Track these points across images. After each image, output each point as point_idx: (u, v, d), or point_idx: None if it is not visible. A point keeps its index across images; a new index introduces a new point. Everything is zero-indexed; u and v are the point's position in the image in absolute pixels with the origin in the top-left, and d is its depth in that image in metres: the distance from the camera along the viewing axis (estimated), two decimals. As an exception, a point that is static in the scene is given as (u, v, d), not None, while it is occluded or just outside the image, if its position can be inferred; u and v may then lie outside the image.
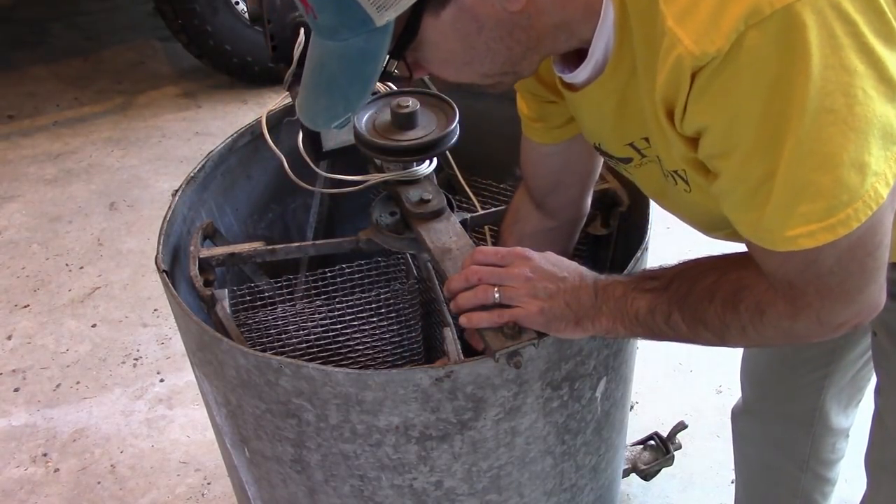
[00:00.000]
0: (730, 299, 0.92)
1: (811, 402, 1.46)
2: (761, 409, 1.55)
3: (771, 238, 0.82)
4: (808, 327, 0.90)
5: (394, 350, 1.47)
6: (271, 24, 1.21)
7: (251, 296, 1.43)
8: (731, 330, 0.94)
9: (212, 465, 2.13)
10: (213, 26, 3.47)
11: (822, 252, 0.81)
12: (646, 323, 1.00)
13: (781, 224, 0.80)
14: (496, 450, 1.15)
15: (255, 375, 1.09)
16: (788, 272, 0.86)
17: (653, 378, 2.33)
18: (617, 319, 1.02)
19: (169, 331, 2.53)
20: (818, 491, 1.60)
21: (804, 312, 0.88)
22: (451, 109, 1.25)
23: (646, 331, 1.01)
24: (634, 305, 1.00)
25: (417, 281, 1.43)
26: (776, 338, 0.93)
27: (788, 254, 0.82)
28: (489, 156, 1.62)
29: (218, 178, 1.49)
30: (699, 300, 0.95)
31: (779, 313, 0.89)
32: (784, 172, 0.77)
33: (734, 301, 0.92)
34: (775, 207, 0.79)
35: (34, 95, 3.77)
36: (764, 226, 0.81)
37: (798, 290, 0.86)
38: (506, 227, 1.36)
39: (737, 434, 1.66)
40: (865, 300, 0.87)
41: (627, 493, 2.05)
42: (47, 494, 2.10)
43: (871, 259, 0.84)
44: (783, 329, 0.91)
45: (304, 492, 1.24)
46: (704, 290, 0.95)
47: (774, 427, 1.54)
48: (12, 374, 2.43)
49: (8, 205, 3.13)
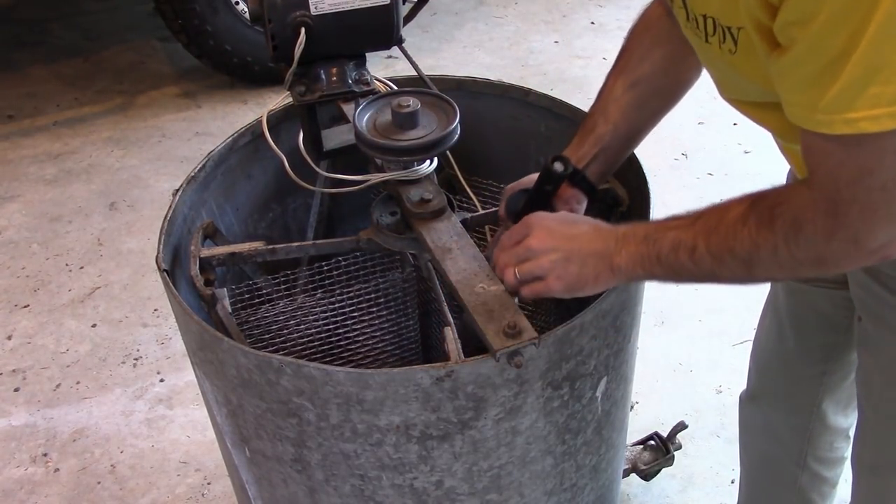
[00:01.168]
0: (766, 216, 0.91)
1: (809, 397, 1.47)
2: (764, 398, 1.57)
3: (829, 120, 0.79)
4: (843, 249, 0.87)
5: (392, 339, 1.48)
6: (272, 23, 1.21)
7: (250, 293, 1.43)
8: (761, 253, 0.92)
9: (212, 465, 2.13)
10: (213, 26, 3.46)
11: (881, 158, 0.78)
12: (667, 262, 0.99)
13: (846, 105, 0.77)
14: (497, 449, 1.15)
15: (256, 375, 1.09)
16: (839, 181, 0.83)
17: (653, 378, 2.33)
18: (636, 262, 1.01)
19: (169, 331, 2.53)
20: (816, 490, 1.60)
21: (842, 232, 0.85)
22: (452, 109, 1.25)
23: (666, 271, 1.00)
24: (657, 245, 0.99)
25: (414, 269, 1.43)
26: (807, 262, 0.91)
27: (844, 152, 0.79)
28: (489, 156, 1.63)
29: (218, 177, 1.49)
30: (730, 226, 0.94)
31: (815, 230, 0.87)
32: (865, 48, 0.73)
33: (770, 217, 0.90)
34: (844, 86, 0.76)
35: (34, 95, 3.77)
36: (824, 106, 0.78)
37: (842, 207, 0.84)
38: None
39: (741, 422, 1.67)
40: None
41: (627, 493, 2.05)
42: (47, 494, 2.10)
43: None
44: (817, 250, 0.89)
45: (305, 491, 1.24)
46: (737, 216, 0.94)
47: (774, 417, 1.55)
48: (12, 374, 2.43)
49: (8, 205, 3.13)
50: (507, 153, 1.63)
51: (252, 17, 1.23)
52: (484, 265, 1.15)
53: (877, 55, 0.74)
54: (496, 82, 1.59)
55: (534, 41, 4.08)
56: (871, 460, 1.30)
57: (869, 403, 1.27)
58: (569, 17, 4.27)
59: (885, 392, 1.21)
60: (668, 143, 3.18)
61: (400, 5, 1.27)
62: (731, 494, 2.00)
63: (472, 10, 4.36)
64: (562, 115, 1.53)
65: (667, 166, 3.14)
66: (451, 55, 3.97)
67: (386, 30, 1.27)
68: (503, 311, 1.07)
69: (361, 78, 1.30)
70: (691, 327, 2.50)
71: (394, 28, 1.27)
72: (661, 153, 3.15)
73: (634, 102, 1.24)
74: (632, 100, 1.24)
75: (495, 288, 1.11)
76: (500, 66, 3.87)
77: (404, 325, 1.48)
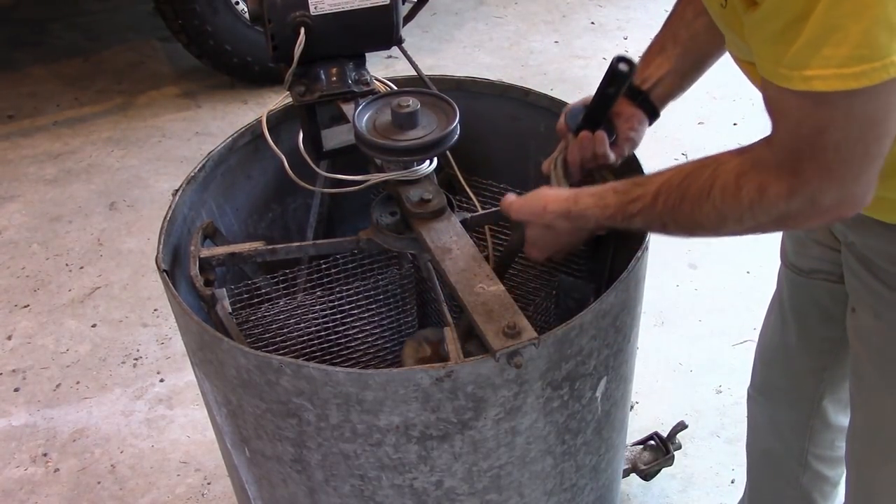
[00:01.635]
0: (730, 187, 0.96)
1: (810, 392, 1.48)
2: (767, 393, 1.58)
3: (788, 76, 0.84)
4: (801, 208, 0.92)
5: (391, 338, 1.48)
6: (272, 23, 1.21)
7: (250, 293, 1.43)
8: (727, 222, 0.98)
9: (212, 465, 2.13)
10: (213, 26, 3.46)
11: (832, 117, 0.83)
12: (635, 227, 1.09)
13: (804, 62, 0.81)
14: (496, 449, 1.15)
15: (256, 375, 1.09)
16: (798, 137, 0.88)
17: (653, 378, 2.33)
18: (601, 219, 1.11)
19: (169, 331, 2.53)
20: (817, 489, 1.60)
21: (801, 191, 0.91)
22: (452, 109, 1.25)
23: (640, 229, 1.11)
24: (624, 224, 1.08)
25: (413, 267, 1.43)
26: (769, 224, 0.97)
27: (802, 108, 0.85)
28: (489, 156, 1.62)
29: (218, 177, 1.49)
30: (694, 203, 0.99)
31: (778, 193, 0.92)
32: (820, 11, 0.79)
33: (735, 187, 0.95)
34: (802, 45, 0.81)
35: (34, 95, 3.77)
36: (787, 62, 0.83)
37: (802, 164, 0.89)
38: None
39: (748, 416, 1.67)
40: (857, 188, 0.90)
41: (627, 493, 2.05)
42: (47, 494, 2.10)
43: (875, 145, 0.86)
44: (779, 210, 0.94)
45: (305, 491, 1.24)
46: (699, 191, 0.99)
47: (776, 413, 1.56)
48: (12, 374, 2.43)
49: (8, 205, 3.13)
50: (507, 153, 1.63)
51: (252, 17, 1.23)
52: (484, 265, 1.15)
53: (831, 18, 0.79)
54: (496, 82, 1.59)
55: (534, 41, 4.08)
56: (861, 453, 1.31)
57: (860, 395, 1.27)
58: (569, 18, 4.27)
59: (876, 383, 1.22)
60: (668, 143, 3.18)
61: (400, 5, 1.27)
62: (731, 494, 2.00)
63: (472, 10, 4.36)
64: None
65: (667, 166, 3.13)
66: (451, 55, 3.97)
67: (386, 30, 1.27)
68: (503, 311, 1.07)
69: (361, 78, 1.30)
70: (691, 327, 2.50)
71: (394, 28, 1.27)
72: (661, 153, 3.15)
73: (704, 28, 1.25)
74: (702, 25, 1.25)
75: (495, 288, 1.11)
76: (500, 66, 3.87)
77: (403, 322, 1.48)
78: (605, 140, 1.27)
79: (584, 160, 1.29)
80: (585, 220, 1.13)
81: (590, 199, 1.11)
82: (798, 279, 1.40)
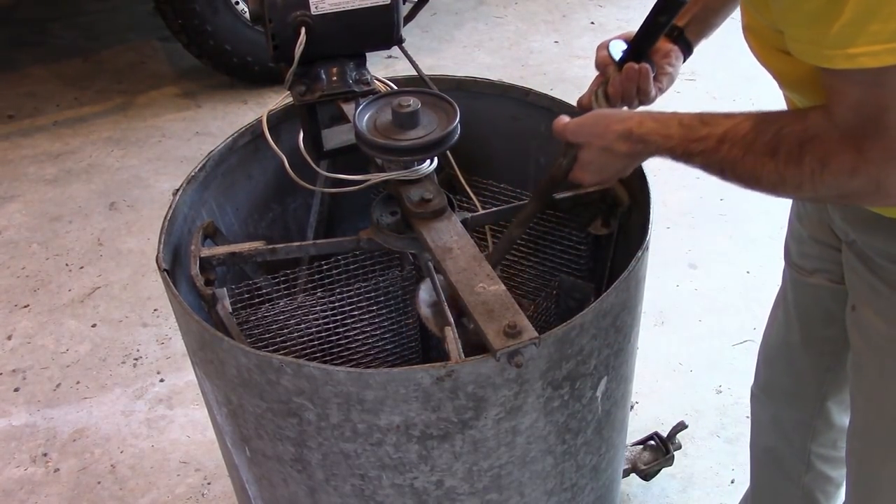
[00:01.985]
0: (795, 152, 0.92)
1: (814, 392, 1.48)
2: (770, 392, 1.58)
3: (831, 55, 0.81)
4: (863, 186, 0.89)
5: (392, 338, 1.48)
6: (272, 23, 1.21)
7: (250, 293, 1.43)
8: (786, 186, 0.95)
9: (212, 465, 2.13)
10: (213, 26, 3.46)
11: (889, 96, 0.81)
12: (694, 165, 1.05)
13: (848, 41, 0.79)
14: (497, 449, 1.15)
15: (256, 374, 1.09)
16: (861, 117, 0.85)
17: (653, 378, 2.33)
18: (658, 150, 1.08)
19: (169, 331, 2.53)
20: (820, 489, 1.60)
21: (866, 168, 0.87)
22: (452, 109, 1.25)
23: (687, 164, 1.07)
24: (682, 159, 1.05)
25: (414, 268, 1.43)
26: (829, 198, 0.94)
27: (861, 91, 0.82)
28: (489, 156, 1.63)
29: (218, 177, 1.49)
30: (757, 158, 0.95)
31: (841, 165, 0.89)
32: None
33: (799, 154, 0.92)
34: (846, 23, 0.78)
35: (34, 95, 3.77)
36: (828, 42, 0.81)
37: (866, 143, 0.86)
38: None
39: (751, 415, 1.68)
40: None
41: (627, 493, 2.05)
42: (47, 494, 2.10)
43: None
44: (840, 187, 0.91)
45: (305, 491, 1.24)
46: (764, 147, 0.95)
47: (780, 412, 1.56)
48: (12, 374, 2.43)
49: (8, 205, 3.13)
50: (507, 153, 1.64)
51: (252, 17, 1.23)
52: (484, 265, 1.15)
53: None
54: (496, 82, 1.59)
55: (534, 41, 4.08)
56: (861, 451, 1.31)
57: (860, 392, 1.28)
58: (569, 17, 4.27)
59: (875, 381, 1.22)
60: (668, 143, 3.18)
61: (400, 5, 1.27)
62: (732, 494, 2.00)
63: (472, 10, 4.36)
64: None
65: (667, 166, 3.10)
66: (451, 55, 3.97)
67: (386, 30, 1.26)
68: (503, 311, 1.07)
69: (361, 78, 1.30)
70: (691, 327, 2.50)
71: (394, 28, 1.27)
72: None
73: None
74: None
75: (495, 288, 1.11)
76: (500, 66, 3.87)
77: (404, 323, 1.48)
78: (649, 73, 1.25)
79: (626, 94, 1.27)
80: (646, 145, 1.09)
81: (654, 124, 1.08)
82: (801, 279, 1.40)
